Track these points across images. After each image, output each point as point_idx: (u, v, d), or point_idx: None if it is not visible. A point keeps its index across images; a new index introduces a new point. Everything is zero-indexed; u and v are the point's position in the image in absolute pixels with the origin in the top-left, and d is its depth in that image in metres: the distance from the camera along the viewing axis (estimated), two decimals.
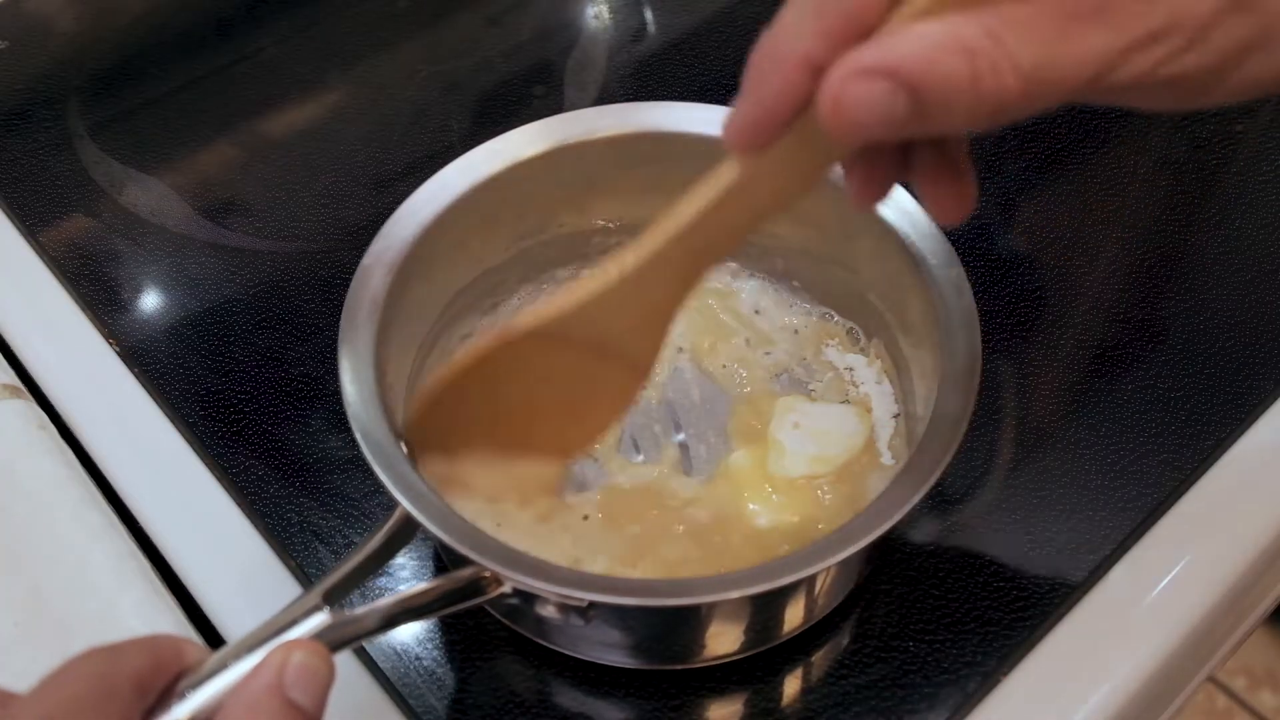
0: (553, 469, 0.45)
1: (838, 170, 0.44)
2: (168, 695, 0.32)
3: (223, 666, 0.32)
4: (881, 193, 0.34)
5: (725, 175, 0.34)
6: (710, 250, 0.37)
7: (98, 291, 0.57)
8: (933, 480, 0.38)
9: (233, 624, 0.46)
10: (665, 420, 0.49)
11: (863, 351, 0.51)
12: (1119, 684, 0.44)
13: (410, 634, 0.45)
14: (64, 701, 0.29)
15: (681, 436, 0.49)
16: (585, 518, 0.45)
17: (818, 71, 0.29)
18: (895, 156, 0.33)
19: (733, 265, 0.53)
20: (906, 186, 0.41)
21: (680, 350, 0.51)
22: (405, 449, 0.41)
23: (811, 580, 0.42)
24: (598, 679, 0.44)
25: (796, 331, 0.52)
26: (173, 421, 0.52)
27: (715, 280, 0.53)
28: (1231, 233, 0.58)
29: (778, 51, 0.30)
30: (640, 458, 0.48)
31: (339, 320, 0.42)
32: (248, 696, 0.31)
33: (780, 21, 0.30)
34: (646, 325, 0.40)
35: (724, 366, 0.51)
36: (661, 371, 0.50)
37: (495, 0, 0.73)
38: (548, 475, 0.44)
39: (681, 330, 0.52)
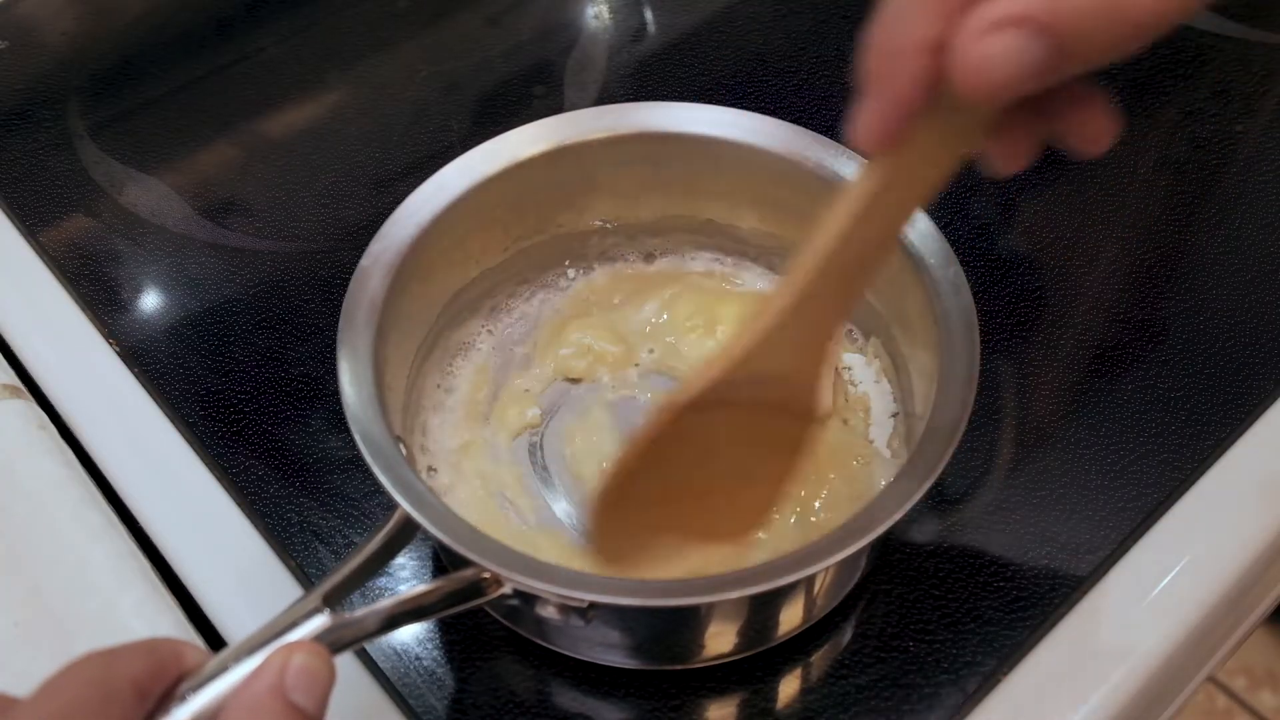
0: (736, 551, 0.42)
1: (836, 171, 0.44)
2: (168, 698, 0.32)
3: (223, 669, 0.32)
4: (1030, 156, 0.32)
5: (866, 182, 0.32)
6: (862, 266, 0.35)
7: (98, 291, 0.57)
8: (932, 480, 0.38)
9: (233, 624, 0.46)
10: None
11: (861, 351, 0.51)
12: (1119, 684, 0.44)
13: (410, 634, 0.45)
14: (63, 706, 0.29)
15: None
16: None
17: (939, 50, 0.28)
18: (1033, 114, 0.31)
19: (732, 262, 0.54)
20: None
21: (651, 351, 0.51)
22: (403, 450, 0.41)
23: (811, 580, 0.42)
24: (597, 679, 0.44)
25: None
26: (173, 421, 0.52)
27: (714, 279, 0.53)
28: (1231, 233, 0.58)
29: (895, 41, 0.29)
30: None
31: (339, 320, 0.42)
32: (249, 699, 0.31)
33: (887, 13, 0.29)
34: (808, 363, 0.37)
35: None
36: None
37: (495, 0, 0.73)
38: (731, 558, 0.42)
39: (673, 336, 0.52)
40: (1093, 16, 0.26)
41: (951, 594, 0.45)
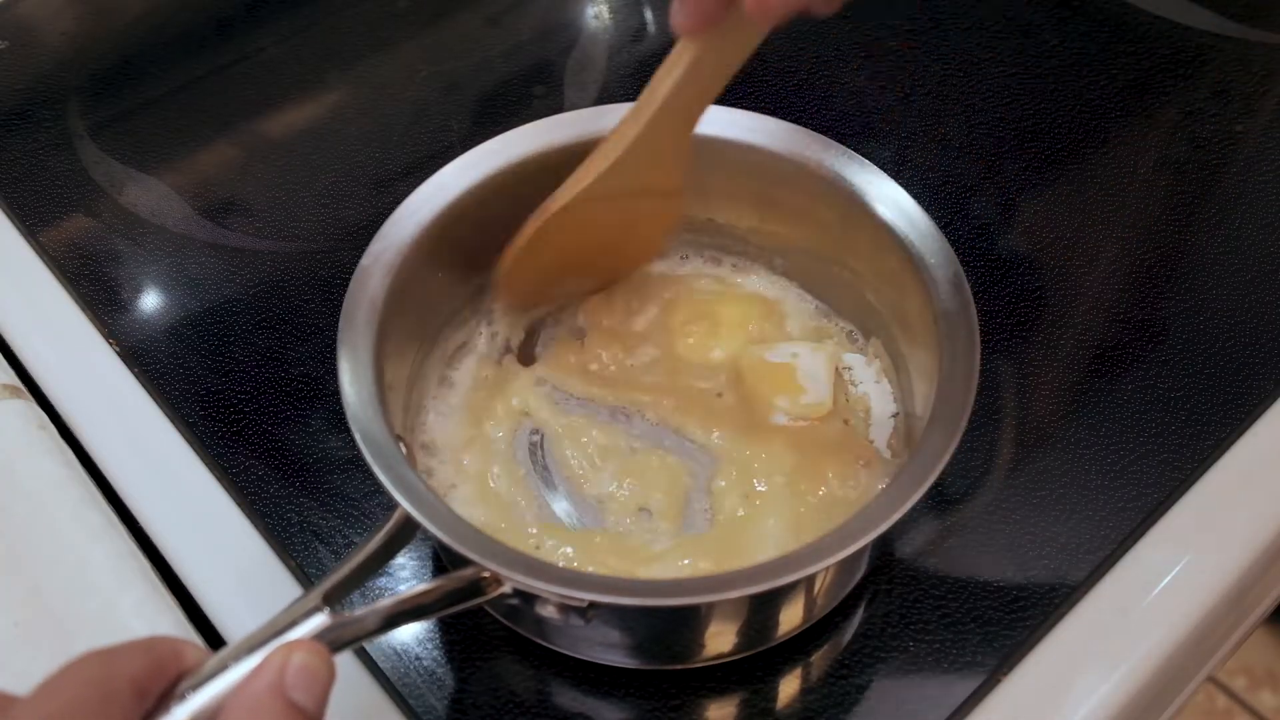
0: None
1: (836, 171, 0.45)
2: (167, 697, 0.32)
3: (223, 668, 0.32)
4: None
5: (684, 56, 0.43)
6: (698, 101, 0.45)
7: (98, 291, 0.57)
8: (932, 480, 0.38)
9: (233, 624, 0.46)
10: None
11: (861, 351, 0.51)
12: (1119, 684, 0.44)
13: (410, 634, 0.45)
14: (63, 705, 0.29)
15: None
16: None
17: None
18: None
19: (732, 262, 0.54)
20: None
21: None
22: (404, 449, 0.41)
23: (811, 580, 0.42)
24: (597, 679, 0.44)
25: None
26: (173, 421, 0.52)
27: (714, 279, 0.53)
28: (1231, 233, 0.58)
29: None
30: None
31: (339, 320, 0.42)
32: (248, 697, 0.31)
33: None
34: (663, 168, 0.47)
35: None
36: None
37: (495, 0, 0.73)
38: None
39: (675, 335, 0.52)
40: None
41: (951, 594, 0.45)
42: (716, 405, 0.49)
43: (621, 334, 0.52)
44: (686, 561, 0.44)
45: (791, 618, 0.43)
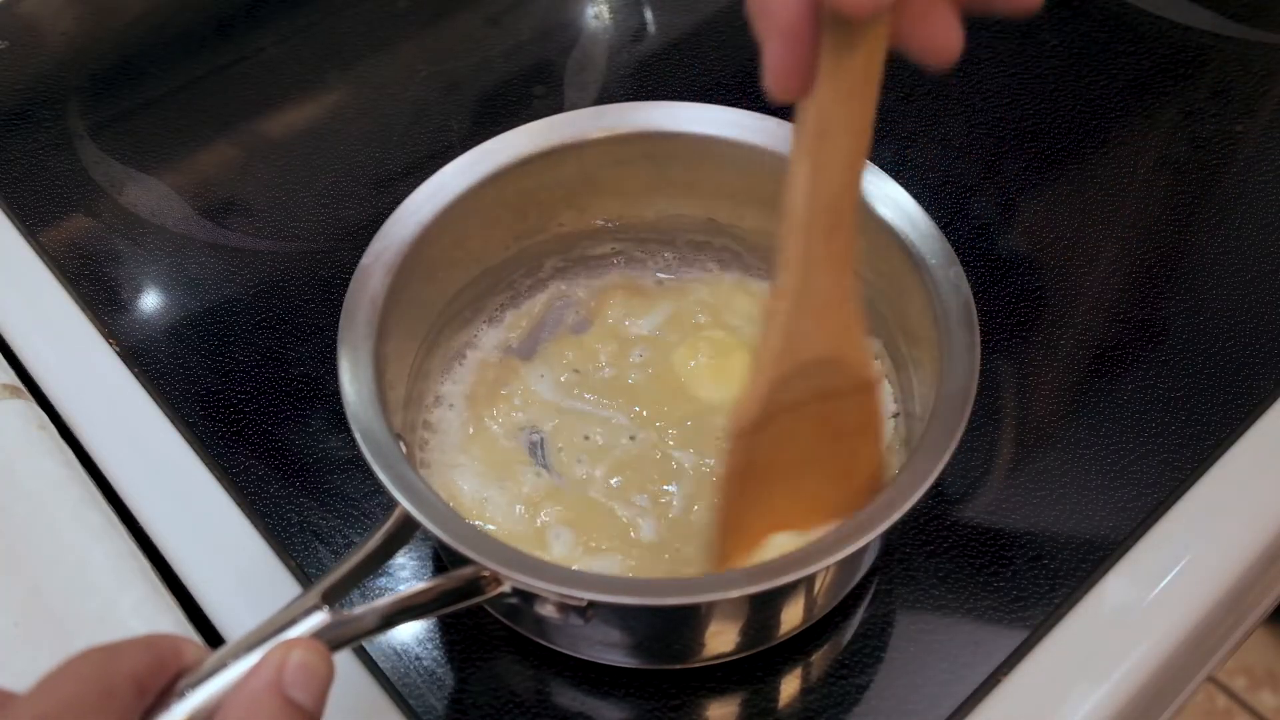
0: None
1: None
2: (167, 695, 0.32)
3: (222, 666, 0.32)
4: (955, 36, 0.32)
5: (804, 136, 0.34)
6: (839, 218, 0.36)
7: (98, 291, 0.57)
8: (932, 480, 0.38)
9: (232, 623, 0.46)
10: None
11: None
12: (1119, 684, 0.44)
13: (410, 634, 0.45)
14: (63, 701, 0.29)
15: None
16: None
17: None
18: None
19: (732, 262, 0.54)
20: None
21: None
22: (403, 448, 0.41)
23: (810, 580, 0.42)
24: (597, 678, 0.44)
25: None
26: (173, 421, 0.52)
27: (714, 284, 0.53)
28: (1231, 233, 0.58)
29: None
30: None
31: (339, 320, 0.42)
32: (247, 695, 0.31)
33: None
34: (840, 333, 0.38)
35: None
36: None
37: (495, 0, 0.73)
38: None
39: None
40: None
41: (951, 594, 0.45)
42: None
43: (621, 335, 0.52)
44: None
45: (792, 617, 0.43)
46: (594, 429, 0.49)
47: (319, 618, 0.34)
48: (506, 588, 0.37)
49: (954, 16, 0.32)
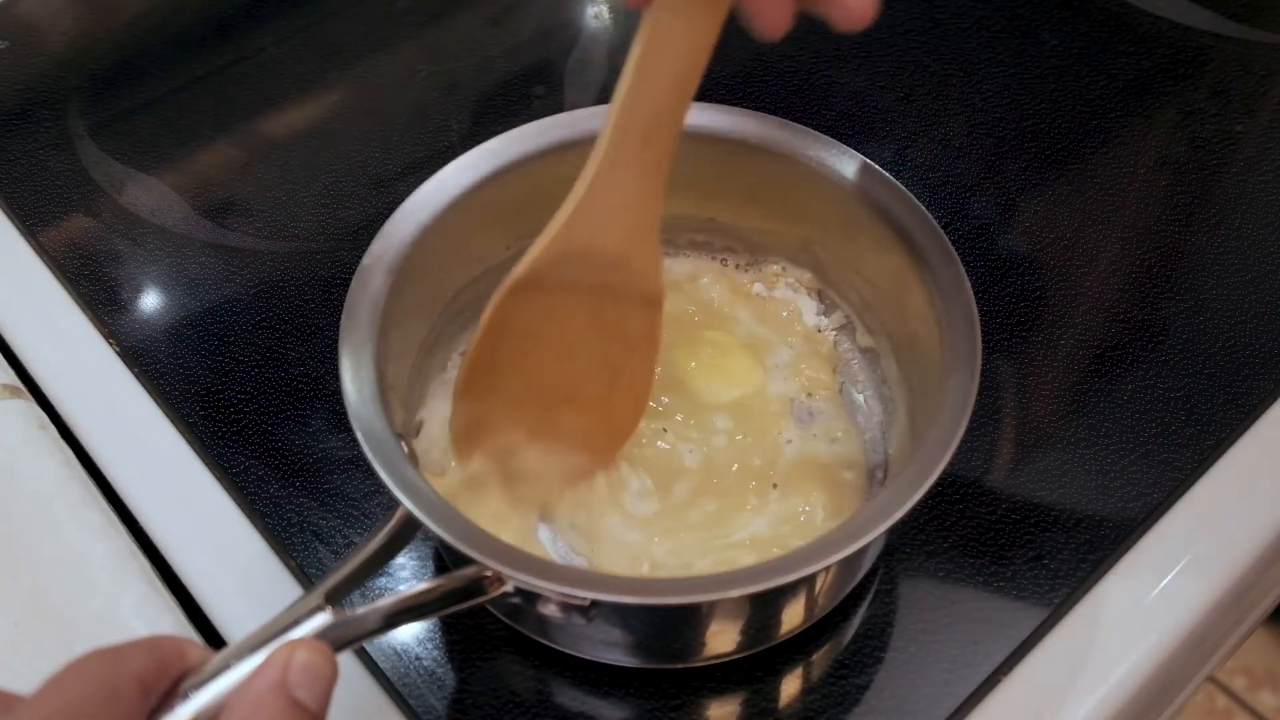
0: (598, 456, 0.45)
1: (837, 170, 0.44)
2: (170, 696, 0.32)
3: (225, 667, 0.32)
4: (784, 20, 0.36)
5: (638, 44, 0.36)
6: (657, 125, 0.38)
7: (98, 291, 0.57)
8: (932, 480, 0.38)
9: (233, 624, 0.46)
10: None
11: (862, 350, 0.51)
12: (1119, 684, 0.44)
13: (410, 634, 0.45)
14: (67, 704, 0.29)
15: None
16: None
17: None
18: None
19: (732, 261, 0.54)
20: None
21: None
22: (405, 448, 0.41)
23: (811, 580, 0.42)
24: (598, 678, 0.44)
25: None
26: (173, 421, 0.52)
27: (714, 284, 0.53)
28: (1231, 233, 0.58)
29: None
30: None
31: (339, 320, 0.42)
32: (252, 696, 0.31)
33: None
34: (635, 238, 0.40)
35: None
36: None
37: (495, 0, 0.73)
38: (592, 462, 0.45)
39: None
40: None
41: (951, 594, 0.45)
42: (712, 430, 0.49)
43: None
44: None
45: (792, 617, 0.43)
46: None
47: (322, 618, 0.34)
48: (509, 587, 0.37)
49: None
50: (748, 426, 0.49)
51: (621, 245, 0.41)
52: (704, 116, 0.48)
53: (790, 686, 0.44)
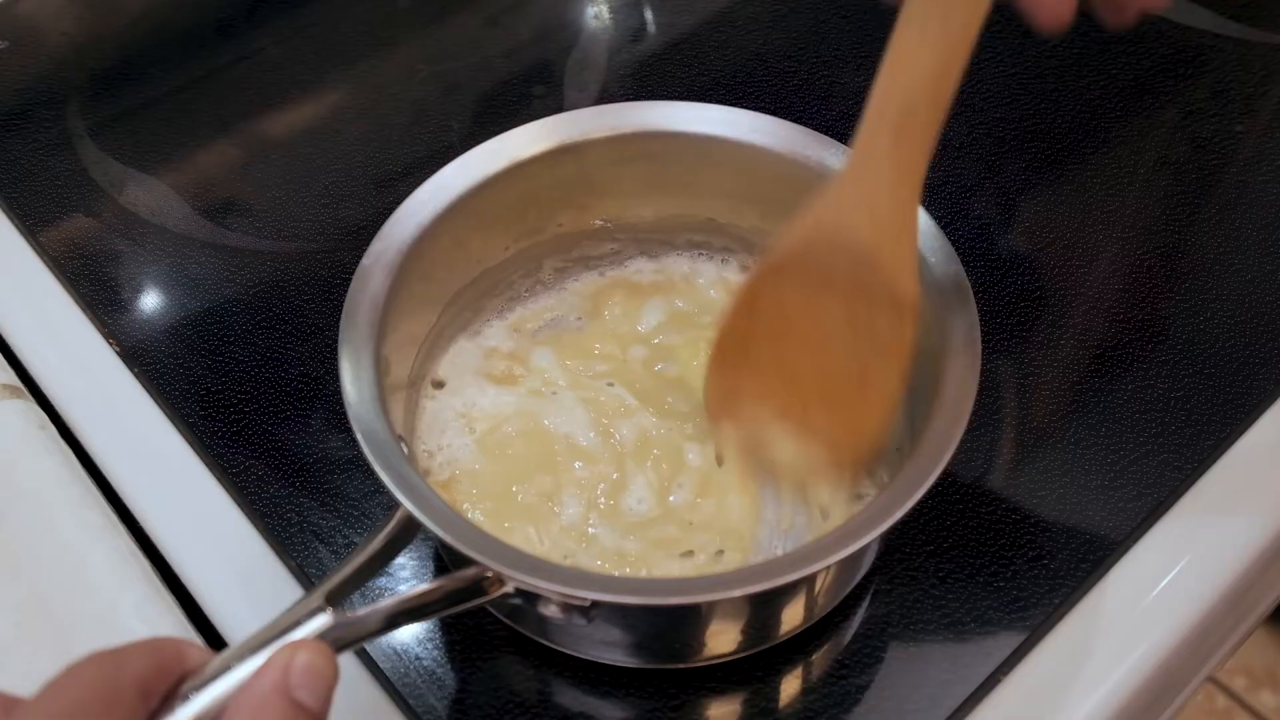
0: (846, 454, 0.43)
1: (832, 168, 0.44)
2: (171, 698, 0.32)
3: (226, 668, 0.32)
4: (1067, 9, 0.35)
5: (896, 33, 0.35)
6: (914, 119, 0.37)
7: (98, 291, 0.57)
8: (932, 480, 0.38)
9: (233, 625, 0.46)
10: None
11: None
12: (1119, 684, 0.44)
13: (410, 634, 0.45)
14: (68, 706, 0.29)
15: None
16: None
17: None
18: None
19: (733, 262, 0.54)
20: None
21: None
22: (405, 449, 0.41)
23: (811, 580, 0.42)
24: (598, 678, 0.44)
25: None
26: (173, 421, 0.52)
27: (714, 284, 0.53)
28: (1231, 233, 0.58)
29: None
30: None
31: (339, 320, 0.42)
32: (253, 697, 0.31)
33: None
34: (887, 236, 0.39)
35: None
36: None
37: (495, 0, 0.73)
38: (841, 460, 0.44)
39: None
40: None
41: (951, 594, 0.45)
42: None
43: (620, 335, 0.52)
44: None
45: (792, 617, 0.43)
46: (600, 396, 0.49)
47: (323, 619, 0.34)
48: (510, 588, 0.37)
49: None
50: None
51: (871, 242, 0.39)
52: (704, 116, 0.48)
53: (790, 686, 0.44)
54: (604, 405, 0.49)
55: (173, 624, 0.45)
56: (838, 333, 0.41)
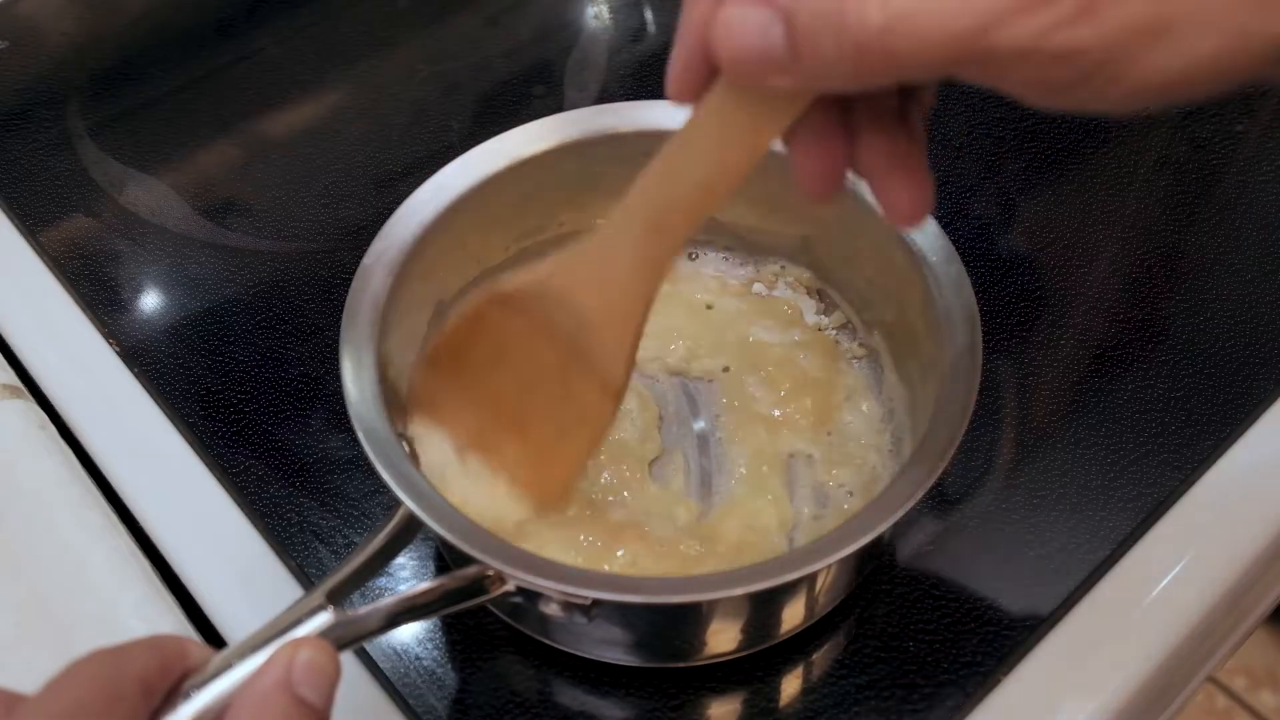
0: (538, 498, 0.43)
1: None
2: (173, 696, 0.32)
3: (227, 666, 0.32)
4: (831, 182, 0.33)
5: (670, 143, 0.34)
6: (665, 227, 0.36)
7: (98, 291, 0.57)
8: (932, 480, 0.38)
9: (233, 624, 0.46)
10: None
11: (862, 349, 0.51)
12: (1119, 684, 0.44)
13: (410, 634, 0.45)
14: (70, 704, 0.29)
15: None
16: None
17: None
18: (841, 140, 0.32)
19: (733, 260, 0.54)
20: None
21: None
22: (406, 448, 0.41)
23: (812, 579, 0.42)
24: (598, 678, 0.44)
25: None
26: (173, 421, 0.52)
27: (715, 284, 0.53)
28: (1231, 233, 0.58)
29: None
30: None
31: (339, 320, 0.42)
32: (256, 694, 0.31)
33: None
34: (614, 315, 0.39)
35: (725, 369, 0.51)
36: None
37: (495, 0, 0.73)
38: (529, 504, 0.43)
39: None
40: (827, 21, 0.26)
41: (951, 594, 0.45)
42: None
43: None
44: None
45: (793, 617, 0.43)
46: None
47: (324, 618, 0.34)
48: (511, 587, 0.37)
49: (921, 176, 0.33)
50: None
51: (596, 320, 0.39)
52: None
53: (790, 686, 0.44)
54: None
55: (173, 624, 0.45)
56: (549, 379, 0.41)
